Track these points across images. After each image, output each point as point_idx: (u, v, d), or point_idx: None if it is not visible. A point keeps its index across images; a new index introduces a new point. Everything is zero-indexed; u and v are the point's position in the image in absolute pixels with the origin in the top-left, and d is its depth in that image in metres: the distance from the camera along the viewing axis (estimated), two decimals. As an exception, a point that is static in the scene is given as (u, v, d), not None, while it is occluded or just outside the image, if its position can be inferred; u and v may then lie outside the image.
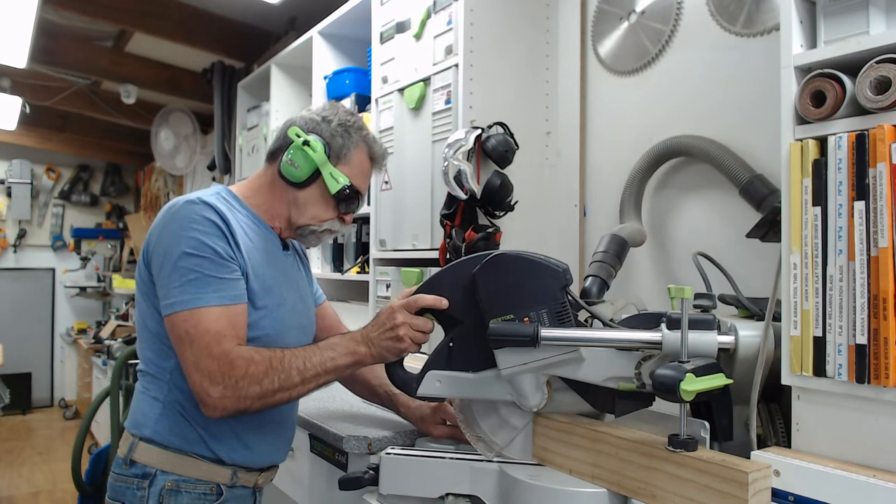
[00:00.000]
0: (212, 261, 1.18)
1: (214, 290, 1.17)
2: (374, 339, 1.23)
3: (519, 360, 1.11)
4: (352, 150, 1.35)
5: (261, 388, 1.16)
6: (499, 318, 1.11)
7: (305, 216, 1.35)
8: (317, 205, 1.34)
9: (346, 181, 1.32)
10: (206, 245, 1.18)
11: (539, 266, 1.11)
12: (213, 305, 1.17)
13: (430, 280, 1.23)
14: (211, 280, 1.17)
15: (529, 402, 1.15)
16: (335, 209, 1.35)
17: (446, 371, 1.19)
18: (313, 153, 1.30)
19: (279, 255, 1.38)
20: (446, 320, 1.21)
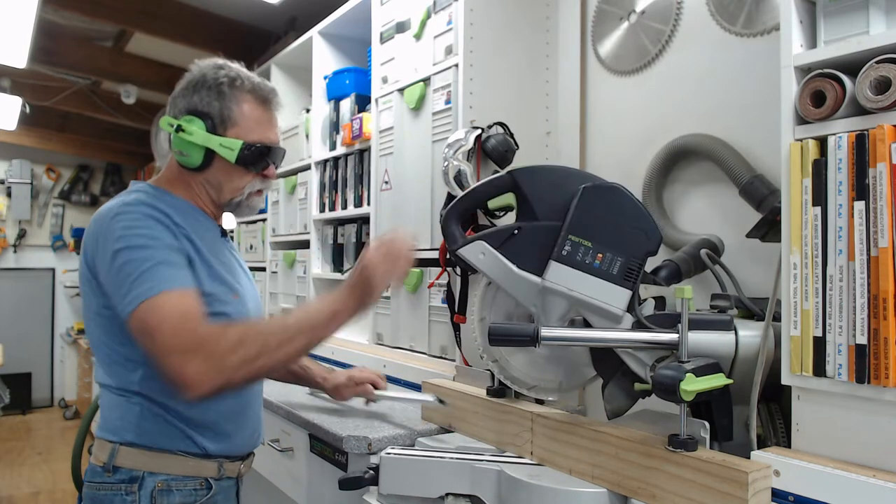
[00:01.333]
0: (161, 250, 1.14)
1: (170, 277, 1.13)
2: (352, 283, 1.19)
3: (568, 282, 1.11)
4: (234, 109, 1.26)
5: (238, 356, 1.09)
6: (577, 238, 1.11)
7: (224, 192, 1.30)
8: (228, 178, 1.28)
9: (239, 144, 1.24)
10: (153, 238, 1.14)
11: (646, 219, 1.11)
12: (174, 289, 1.11)
13: (539, 167, 1.20)
14: (164, 267, 1.13)
15: (547, 323, 1.14)
16: (247, 173, 1.29)
17: (495, 250, 1.17)
18: (192, 136, 1.23)
19: (221, 242, 1.34)
20: (525, 208, 1.18)
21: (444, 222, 1.24)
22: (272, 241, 3.01)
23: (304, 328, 1.15)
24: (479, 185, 1.23)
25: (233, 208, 1.33)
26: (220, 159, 1.25)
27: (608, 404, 1.17)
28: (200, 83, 1.27)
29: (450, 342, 1.74)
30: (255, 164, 1.28)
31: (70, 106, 4.89)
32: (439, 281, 1.75)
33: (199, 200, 1.31)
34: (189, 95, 1.26)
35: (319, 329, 1.17)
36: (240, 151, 1.25)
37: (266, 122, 1.30)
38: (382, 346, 2.08)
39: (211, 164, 1.26)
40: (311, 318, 1.17)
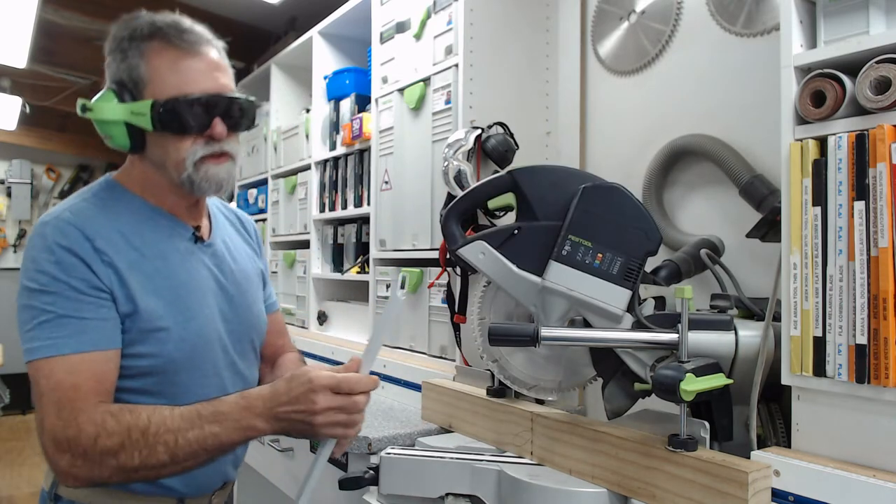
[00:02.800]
0: (67, 298, 0.96)
1: (71, 334, 0.96)
2: (281, 415, 0.96)
3: (568, 282, 1.11)
4: (140, 66, 1.03)
5: (117, 461, 0.93)
6: (577, 238, 1.10)
7: (169, 170, 1.06)
8: (165, 150, 1.05)
9: (148, 103, 1.01)
10: (57, 280, 0.96)
11: (645, 219, 1.10)
12: (69, 353, 0.95)
13: (539, 167, 1.19)
14: (67, 322, 0.96)
15: (547, 323, 1.14)
16: (181, 138, 1.04)
17: (495, 250, 1.17)
18: (106, 114, 1.03)
19: (186, 252, 1.11)
20: (525, 208, 1.17)
21: (444, 222, 1.24)
22: (272, 241, 3.01)
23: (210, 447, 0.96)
24: (479, 185, 1.23)
25: (192, 186, 1.07)
26: (148, 132, 1.04)
27: (608, 404, 1.17)
28: (109, 47, 1.07)
29: (450, 342, 1.74)
30: (183, 124, 1.02)
31: (70, 106, 4.86)
32: (439, 281, 1.75)
33: (158, 192, 1.10)
34: (107, 64, 1.07)
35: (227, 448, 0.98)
36: (151, 113, 1.01)
37: (186, 69, 1.04)
38: (382, 346, 2.08)
39: (145, 140, 1.05)
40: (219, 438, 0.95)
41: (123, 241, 1.03)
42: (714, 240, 1.42)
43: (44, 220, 1.01)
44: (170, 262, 1.08)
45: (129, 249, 1.03)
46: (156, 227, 1.09)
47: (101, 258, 0.99)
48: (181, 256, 1.10)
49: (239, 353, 1.18)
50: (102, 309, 0.99)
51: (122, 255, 1.02)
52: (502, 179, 1.20)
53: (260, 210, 3.14)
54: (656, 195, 1.58)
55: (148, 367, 1.03)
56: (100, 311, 0.98)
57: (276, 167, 2.98)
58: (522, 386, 1.26)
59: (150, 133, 1.04)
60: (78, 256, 0.98)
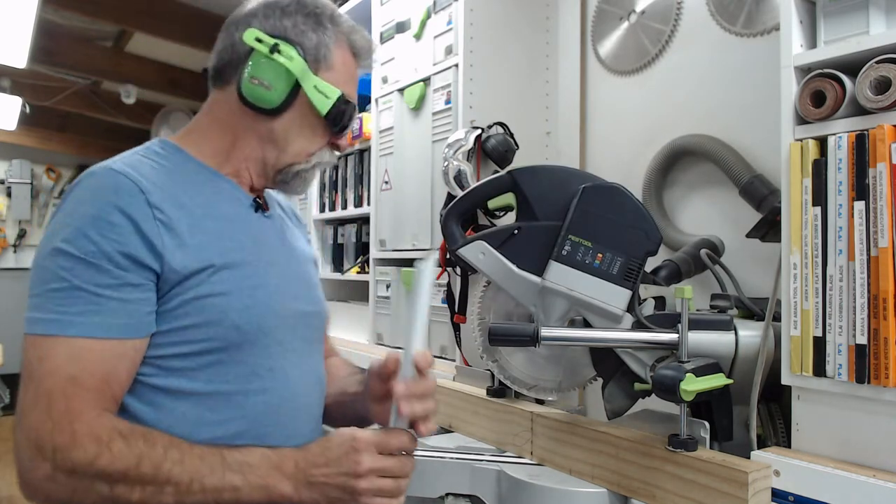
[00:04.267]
0: (90, 265, 0.80)
1: (83, 313, 0.80)
2: (316, 479, 0.82)
3: (568, 282, 1.11)
4: (331, 48, 0.98)
5: (111, 491, 0.77)
6: (577, 238, 1.10)
7: (289, 153, 0.98)
8: (301, 133, 0.98)
9: (338, 93, 0.96)
10: (88, 239, 0.81)
11: (645, 219, 1.10)
12: (76, 336, 0.79)
13: (538, 167, 1.19)
14: (82, 295, 0.80)
15: (547, 323, 1.14)
16: (325, 133, 1.00)
17: (495, 250, 1.16)
18: (289, 62, 0.93)
19: (251, 219, 0.99)
20: (525, 208, 1.17)
21: (444, 222, 1.24)
22: (272, 241, 3.00)
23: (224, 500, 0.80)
24: (479, 185, 1.23)
25: (288, 179, 1.00)
26: (305, 105, 0.96)
27: (608, 404, 1.17)
28: (294, 6, 0.97)
29: (450, 342, 1.74)
30: (341, 125, 0.99)
31: (70, 106, 4.90)
32: (439, 281, 1.75)
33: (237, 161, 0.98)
34: (277, 16, 0.95)
35: None
36: (336, 102, 0.96)
37: (355, 80, 1.03)
38: (382, 345, 2.08)
39: (288, 109, 0.95)
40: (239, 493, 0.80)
41: (184, 196, 0.90)
42: (714, 240, 1.42)
43: (91, 171, 0.88)
44: (235, 224, 0.95)
45: (188, 206, 0.89)
46: (217, 190, 0.96)
47: (154, 214, 0.84)
48: (245, 220, 0.97)
49: (308, 340, 1.02)
50: (127, 288, 0.82)
51: (180, 212, 0.88)
52: (502, 179, 1.20)
53: None
54: (656, 195, 1.58)
55: (206, 342, 0.87)
56: (123, 290, 0.81)
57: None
58: (522, 386, 1.26)
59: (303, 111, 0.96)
60: (125, 214, 0.83)
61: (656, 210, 1.57)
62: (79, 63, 4.09)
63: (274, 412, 0.92)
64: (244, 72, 0.93)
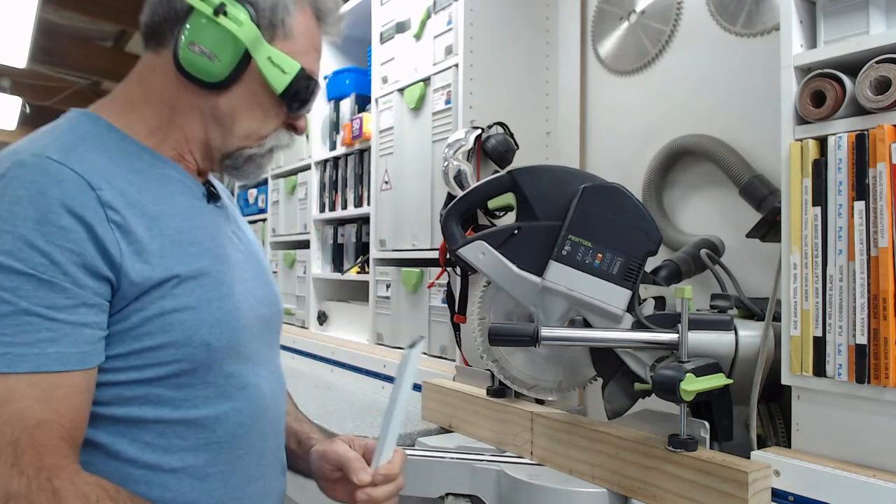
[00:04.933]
0: (41, 282, 0.66)
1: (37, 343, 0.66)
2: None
3: (568, 282, 1.11)
4: (292, 11, 0.82)
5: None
6: (577, 238, 1.10)
7: (237, 134, 0.84)
8: (251, 112, 0.83)
9: (297, 67, 0.82)
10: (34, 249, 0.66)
11: (645, 219, 1.10)
12: (32, 372, 0.65)
13: (539, 167, 1.19)
14: (32, 321, 0.66)
15: (547, 323, 1.14)
16: (280, 113, 0.86)
17: (495, 250, 1.16)
18: (238, 28, 0.77)
19: (204, 211, 0.86)
20: (525, 208, 1.16)
21: (444, 222, 1.24)
22: (272, 240, 3.01)
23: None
24: (479, 185, 1.23)
25: (237, 165, 0.87)
26: (257, 81, 0.82)
27: (608, 404, 1.17)
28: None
29: (450, 342, 1.74)
30: (297, 103, 0.86)
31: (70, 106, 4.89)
32: (439, 281, 1.75)
33: (173, 144, 0.83)
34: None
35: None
36: (294, 79, 0.82)
37: (318, 51, 0.89)
38: (382, 346, 2.08)
39: (236, 84, 0.81)
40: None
41: (133, 190, 0.75)
42: (714, 240, 1.42)
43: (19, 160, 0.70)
44: (192, 221, 0.81)
45: (141, 202, 0.76)
46: (165, 178, 0.81)
47: (107, 216, 0.71)
48: (201, 216, 0.84)
49: (271, 344, 0.93)
50: (83, 308, 0.69)
51: (134, 211, 0.74)
52: (502, 179, 1.20)
53: (260, 210, 3.14)
54: (656, 195, 1.58)
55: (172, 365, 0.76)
56: (78, 312, 0.68)
57: (275, 167, 2.98)
58: (522, 386, 1.26)
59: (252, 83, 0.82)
60: (76, 215, 0.68)
61: (656, 210, 1.57)
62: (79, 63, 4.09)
63: (247, 433, 0.84)
64: (182, 35, 0.78)
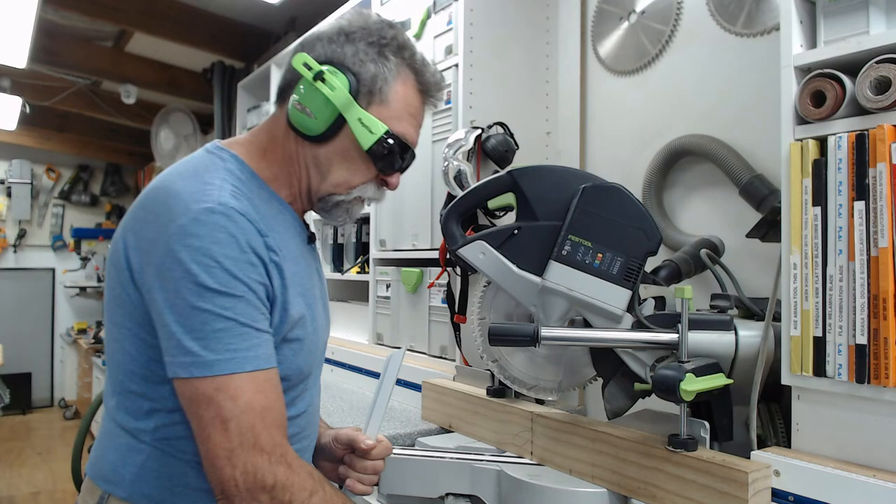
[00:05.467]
0: (247, 302, 0.83)
1: (253, 348, 0.83)
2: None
3: (568, 282, 1.10)
4: (390, 82, 0.95)
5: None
6: (577, 238, 1.10)
7: (329, 182, 0.97)
8: (344, 165, 0.96)
9: (383, 129, 0.94)
10: (238, 281, 0.82)
11: (646, 219, 1.10)
12: (253, 370, 0.82)
13: (539, 167, 1.19)
14: (247, 333, 0.83)
15: (547, 323, 1.14)
16: (370, 168, 0.97)
17: (495, 250, 1.16)
18: (331, 92, 0.91)
19: (306, 253, 1.02)
20: (525, 208, 1.17)
21: (444, 222, 1.24)
22: (272, 241, 3.00)
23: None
24: (479, 185, 1.23)
25: (327, 207, 1.00)
26: (349, 137, 0.94)
27: (608, 404, 1.17)
28: (360, 34, 0.95)
29: (450, 342, 1.74)
30: (385, 164, 0.97)
31: (70, 106, 4.89)
32: (439, 281, 1.75)
33: (290, 183, 0.98)
34: (339, 43, 0.94)
35: None
36: (379, 139, 0.94)
37: (416, 116, 1.00)
38: (382, 345, 2.08)
39: (332, 139, 0.94)
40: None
41: (275, 235, 0.90)
42: (714, 240, 1.42)
43: (207, 206, 0.83)
44: (299, 265, 0.96)
45: (281, 247, 0.90)
46: (286, 224, 0.97)
47: (272, 258, 0.87)
48: (304, 259, 1.00)
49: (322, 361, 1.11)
50: (267, 322, 0.87)
51: (282, 254, 0.90)
52: (502, 179, 1.20)
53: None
54: (656, 195, 1.58)
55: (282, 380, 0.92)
56: (267, 324, 0.87)
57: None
58: (522, 386, 1.26)
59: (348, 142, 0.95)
60: (258, 255, 0.85)
61: (656, 210, 1.57)
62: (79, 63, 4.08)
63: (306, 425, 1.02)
64: (293, 95, 0.94)
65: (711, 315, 1.16)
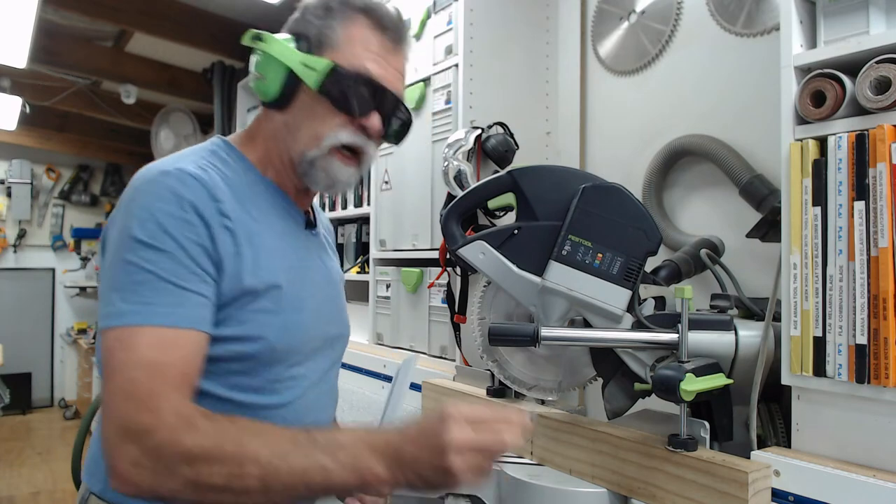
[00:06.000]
0: (175, 260, 0.81)
1: (168, 304, 0.80)
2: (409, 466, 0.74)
3: (568, 282, 1.10)
4: (336, 28, 0.94)
5: (194, 473, 0.73)
6: (577, 238, 1.10)
7: (300, 141, 0.94)
8: (308, 120, 0.94)
9: (329, 63, 0.91)
10: (170, 236, 0.81)
11: (646, 219, 1.10)
12: (162, 326, 0.79)
13: (539, 167, 1.19)
14: (167, 288, 0.80)
15: (547, 323, 1.14)
16: (335, 113, 0.93)
17: (495, 250, 1.16)
18: (275, 50, 0.92)
19: (300, 235, 1.01)
20: (525, 208, 1.16)
21: (444, 222, 1.24)
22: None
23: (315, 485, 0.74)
24: (479, 185, 1.23)
25: (306, 171, 0.96)
26: (306, 94, 0.93)
27: (608, 404, 1.17)
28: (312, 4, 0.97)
29: (450, 342, 1.74)
30: (346, 98, 0.92)
31: (70, 106, 4.89)
32: (439, 281, 1.75)
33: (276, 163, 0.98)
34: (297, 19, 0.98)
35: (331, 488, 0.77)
36: (325, 73, 0.91)
37: (378, 54, 0.95)
38: (382, 345, 2.08)
39: (293, 99, 0.94)
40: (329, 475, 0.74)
41: (243, 208, 0.90)
42: (714, 240, 1.42)
43: (163, 170, 0.85)
44: (286, 242, 0.96)
45: (248, 219, 0.90)
46: (272, 204, 0.97)
47: (223, 223, 0.86)
48: (295, 239, 0.99)
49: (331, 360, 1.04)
50: (204, 285, 0.83)
51: (242, 224, 0.89)
52: (502, 179, 1.20)
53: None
54: (656, 195, 1.58)
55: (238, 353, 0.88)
56: (202, 287, 0.83)
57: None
58: (522, 386, 1.26)
59: (305, 94, 0.93)
60: (201, 217, 0.84)
61: (656, 210, 1.57)
62: (79, 63, 4.08)
63: None
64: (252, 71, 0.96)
65: (711, 315, 1.16)
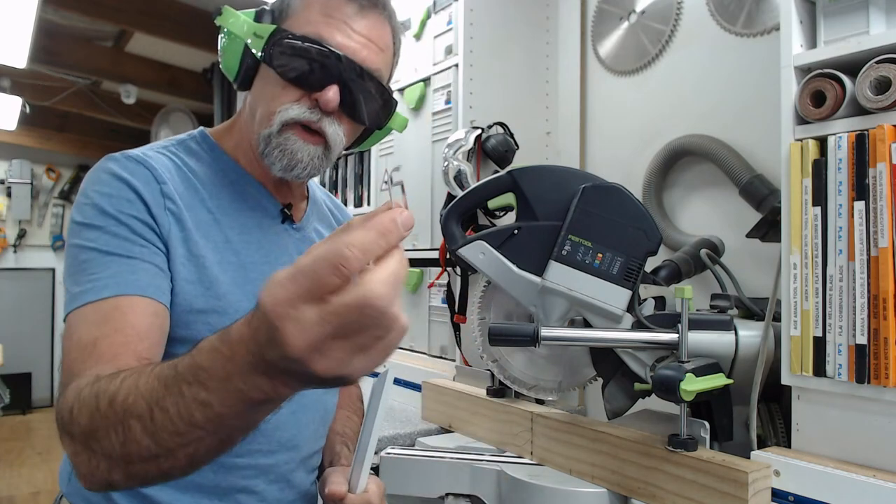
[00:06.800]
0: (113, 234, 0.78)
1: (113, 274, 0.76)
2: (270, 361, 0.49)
3: (568, 282, 1.10)
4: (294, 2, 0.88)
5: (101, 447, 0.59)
6: (577, 238, 1.10)
7: (257, 120, 0.88)
8: (265, 95, 0.87)
9: (271, 28, 0.85)
10: (104, 213, 0.79)
11: (646, 219, 1.10)
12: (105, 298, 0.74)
13: (539, 167, 1.19)
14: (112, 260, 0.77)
15: (547, 323, 1.14)
16: (287, 88, 0.85)
17: (495, 250, 1.16)
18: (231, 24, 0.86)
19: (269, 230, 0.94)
20: (525, 208, 1.16)
21: (444, 222, 1.24)
22: (272, 241, 3.00)
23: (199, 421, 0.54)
24: (479, 185, 1.23)
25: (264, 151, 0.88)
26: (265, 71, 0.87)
27: (608, 404, 1.17)
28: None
29: (450, 342, 1.74)
30: (289, 66, 0.84)
31: (70, 106, 4.90)
32: (439, 281, 1.75)
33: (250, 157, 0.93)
34: None
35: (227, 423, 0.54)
36: (268, 39, 0.84)
37: (335, 15, 0.85)
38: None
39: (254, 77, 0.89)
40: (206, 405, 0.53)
41: (197, 197, 0.86)
42: (714, 240, 1.42)
43: (109, 156, 0.84)
44: (247, 236, 0.90)
45: (201, 208, 0.86)
46: (240, 195, 0.92)
47: (165, 205, 0.82)
48: (262, 234, 0.92)
49: None
50: (157, 256, 0.79)
51: (192, 212, 0.84)
52: (502, 179, 1.20)
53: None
54: (656, 195, 1.58)
55: None
56: (154, 258, 0.79)
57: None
58: (522, 386, 1.26)
59: (263, 70, 0.87)
60: (137, 192, 0.80)
61: (656, 210, 1.57)
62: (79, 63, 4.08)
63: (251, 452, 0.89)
64: None
65: (711, 315, 1.16)
